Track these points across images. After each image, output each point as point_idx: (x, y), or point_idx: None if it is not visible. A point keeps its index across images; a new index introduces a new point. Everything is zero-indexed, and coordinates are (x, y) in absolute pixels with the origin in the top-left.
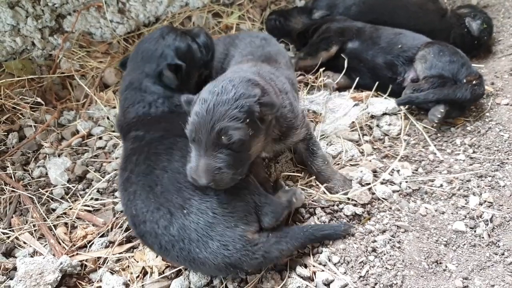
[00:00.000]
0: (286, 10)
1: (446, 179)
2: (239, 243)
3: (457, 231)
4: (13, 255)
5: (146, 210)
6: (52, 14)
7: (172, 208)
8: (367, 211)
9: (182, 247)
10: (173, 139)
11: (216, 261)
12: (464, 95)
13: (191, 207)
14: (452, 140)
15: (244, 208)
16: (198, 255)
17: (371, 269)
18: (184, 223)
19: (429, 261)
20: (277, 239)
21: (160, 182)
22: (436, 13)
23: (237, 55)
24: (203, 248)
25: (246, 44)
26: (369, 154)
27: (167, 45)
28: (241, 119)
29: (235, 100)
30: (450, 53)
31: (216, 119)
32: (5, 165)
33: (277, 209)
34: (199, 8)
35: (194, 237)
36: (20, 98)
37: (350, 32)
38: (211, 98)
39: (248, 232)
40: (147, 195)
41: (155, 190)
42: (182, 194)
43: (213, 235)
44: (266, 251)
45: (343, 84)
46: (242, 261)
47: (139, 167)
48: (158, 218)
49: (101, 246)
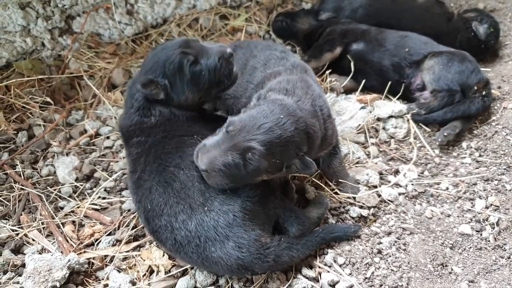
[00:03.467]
0: (292, 12)
1: (452, 182)
2: (253, 246)
3: (463, 234)
4: (22, 251)
5: (165, 204)
6: (62, 15)
7: (193, 203)
8: (373, 213)
9: (198, 244)
10: (179, 138)
11: (229, 262)
12: (477, 109)
13: (212, 206)
14: (458, 144)
15: (264, 218)
16: (212, 254)
17: (377, 270)
18: (204, 219)
19: (435, 263)
20: (288, 245)
21: (178, 179)
22: (442, 16)
23: (260, 66)
24: (218, 248)
25: (267, 56)
26: (375, 157)
27: (161, 59)
28: (274, 157)
29: (283, 139)
30: (459, 61)
31: (258, 136)
32: (14, 163)
33: (304, 223)
34: (206, 10)
35: (211, 235)
36: (30, 97)
37: (354, 33)
38: (267, 121)
39: (262, 237)
40: (164, 190)
41: (173, 185)
42: (203, 193)
43: (231, 235)
44: (277, 255)
45: (349, 87)
46: (254, 264)
47: (150, 166)
48: (177, 211)
49: (108, 244)
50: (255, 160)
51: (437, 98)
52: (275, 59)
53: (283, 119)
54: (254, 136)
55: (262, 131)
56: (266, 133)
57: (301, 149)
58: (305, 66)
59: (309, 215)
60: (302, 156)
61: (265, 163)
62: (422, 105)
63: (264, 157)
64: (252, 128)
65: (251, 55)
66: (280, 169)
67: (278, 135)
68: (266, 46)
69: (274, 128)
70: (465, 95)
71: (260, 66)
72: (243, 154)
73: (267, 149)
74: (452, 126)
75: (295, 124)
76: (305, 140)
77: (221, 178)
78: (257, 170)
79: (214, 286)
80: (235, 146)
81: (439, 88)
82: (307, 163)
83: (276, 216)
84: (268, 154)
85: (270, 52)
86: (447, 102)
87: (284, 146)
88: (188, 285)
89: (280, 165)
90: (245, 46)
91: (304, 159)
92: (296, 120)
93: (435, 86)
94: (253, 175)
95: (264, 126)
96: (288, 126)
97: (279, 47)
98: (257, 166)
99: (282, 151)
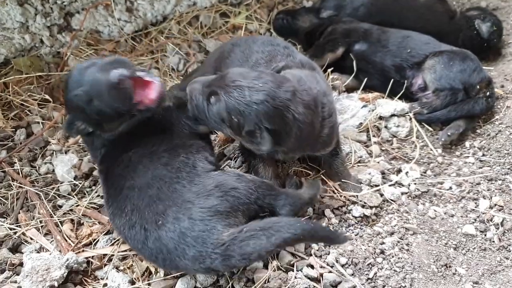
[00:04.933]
0: (293, 10)
1: (455, 182)
2: (209, 247)
3: (467, 234)
4: (20, 250)
5: (123, 229)
6: (61, 12)
7: (145, 223)
8: (375, 213)
9: (164, 257)
10: (125, 155)
11: (195, 267)
12: (481, 109)
13: (166, 218)
14: (461, 143)
15: (230, 212)
16: (179, 263)
17: (379, 271)
18: (160, 235)
19: (438, 264)
20: (253, 233)
21: (130, 202)
22: (444, 15)
23: (264, 62)
24: (182, 256)
25: (270, 51)
26: (377, 156)
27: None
28: (232, 114)
29: (245, 101)
30: (460, 60)
31: (228, 88)
32: (12, 161)
33: (295, 203)
34: (207, 7)
35: (172, 247)
36: (28, 95)
37: (356, 33)
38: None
39: (221, 234)
40: (121, 214)
41: (126, 210)
42: (154, 208)
43: (189, 241)
44: (235, 250)
45: (350, 85)
46: (216, 264)
47: (111, 190)
48: (134, 234)
49: (106, 243)
50: (214, 106)
51: (440, 97)
52: (280, 54)
53: (260, 87)
54: (225, 86)
55: (233, 85)
56: (235, 88)
57: (262, 123)
58: (313, 64)
59: (300, 195)
60: (262, 128)
61: (223, 114)
62: (425, 104)
63: (223, 107)
64: (229, 80)
65: (252, 51)
66: (240, 131)
67: (242, 96)
68: (267, 41)
69: (244, 89)
70: (468, 94)
71: (264, 62)
72: (209, 96)
73: (227, 102)
74: (455, 125)
75: (268, 98)
76: (275, 120)
77: (194, 109)
78: (216, 116)
79: (214, 286)
80: (209, 86)
81: (441, 87)
82: (264, 138)
83: (253, 209)
84: (226, 107)
85: (273, 47)
86: (450, 101)
87: (244, 109)
88: (188, 285)
89: (238, 126)
90: (243, 43)
91: (262, 133)
92: (274, 97)
93: (437, 85)
94: (215, 122)
95: (237, 82)
96: (258, 95)
97: (281, 42)
98: (215, 112)
99: (241, 112)
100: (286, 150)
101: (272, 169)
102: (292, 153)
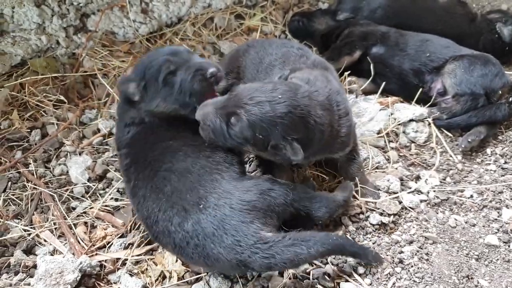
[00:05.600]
0: (309, 12)
1: (476, 190)
2: (251, 240)
3: (490, 245)
4: (34, 252)
5: (158, 210)
6: (77, 13)
7: (187, 205)
8: (393, 221)
9: (197, 243)
10: (164, 143)
11: (229, 257)
12: (503, 116)
13: (208, 202)
14: (482, 150)
15: (267, 212)
16: (212, 251)
17: (398, 281)
18: (200, 217)
19: (460, 275)
20: (294, 241)
21: (169, 183)
22: (465, 17)
23: (278, 64)
24: (217, 243)
25: (284, 53)
26: (395, 162)
27: (145, 62)
28: (256, 131)
29: (269, 116)
30: (482, 65)
31: (247, 106)
32: (27, 162)
33: (330, 205)
34: (222, 9)
35: (209, 231)
36: (44, 95)
37: (374, 36)
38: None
39: (262, 231)
40: (157, 195)
41: (164, 190)
42: (196, 192)
43: (228, 229)
44: (277, 252)
45: (367, 89)
46: (251, 259)
47: (143, 173)
48: (171, 215)
49: (120, 247)
50: (236, 126)
51: (460, 103)
52: (294, 56)
53: (280, 99)
54: (244, 105)
55: (252, 102)
56: (255, 105)
57: (289, 134)
58: (326, 63)
59: (335, 197)
60: (290, 140)
61: (247, 133)
62: (444, 110)
63: (246, 126)
64: (245, 97)
65: (266, 53)
66: (265, 146)
67: (265, 112)
68: (282, 43)
69: (265, 104)
70: (489, 99)
71: (278, 63)
72: (228, 117)
73: (250, 120)
74: (476, 131)
75: (291, 108)
76: (300, 128)
77: (210, 133)
78: (238, 137)
79: None
80: (224, 108)
81: (462, 92)
82: (294, 149)
83: (289, 212)
84: (250, 125)
85: (287, 49)
86: (471, 106)
87: (269, 124)
88: None
89: (263, 142)
90: (258, 44)
91: (292, 144)
92: (296, 106)
93: (457, 90)
94: (236, 141)
95: (256, 99)
96: (281, 108)
97: (295, 44)
98: (238, 132)
99: (267, 128)
100: (308, 154)
101: (287, 174)
102: (312, 157)
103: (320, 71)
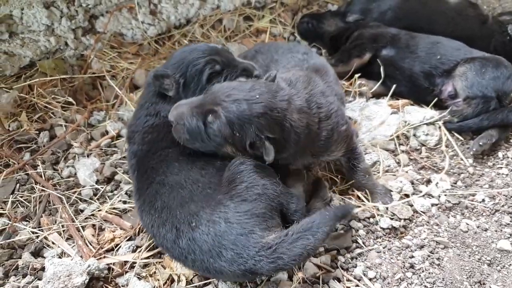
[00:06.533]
0: (318, 13)
1: (488, 194)
2: (252, 250)
3: (502, 250)
4: (42, 255)
5: (151, 226)
6: (86, 14)
7: (177, 223)
8: (403, 225)
9: (194, 258)
10: (164, 151)
11: (231, 269)
12: None
13: (200, 220)
14: (494, 153)
15: (265, 214)
16: (213, 265)
17: (409, 286)
18: (194, 236)
19: (472, 281)
20: (299, 234)
21: (160, 198)
22: (476, 19)
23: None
24: (217, 258)
25: (288, 59)
26: (405, 165)
27: (187, 59)
28: (234, 129)
29: (245, 115)
30: (493, 67)
31: (224, 104)
32: (36, 163)
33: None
34: (230, 11)
35: (205, 248)
36: (52, 97)
37: (384, 38)
38: (239, 94)
39: (263, 238)
40: (149, 210)
41: (155, 206)
42: (187, 209)
43: (226, 244)
44: (283, 252)
45: (377, 92)
46: (258, 267)
47: (141, 182)
48: (164, 233)
49: (128, 250)
50: (214, 124)
51: (471, 106)
52: (296, 61)
53: (257, 99)
54: (221, 102)
55: (230, 99)
56: (232, 103)
57: (264, 133)
58: (319, 67)
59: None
60: (264, 139)
61: (225, 131)
62: (455, 113)
63: (224, 124)
64: (223, 95)
65: (272, 60)
66: (243, 145)
67: (242, 110)
68: (288, 49)
69: (242, 102)
70: (501, 102)
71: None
72: (205, 116)
73: (227, 117)
74: (488, 135)
75: (267, 109)
76: (276, 129)
77: (185, 134)
78: (217, 135)
79: None
80: (201, 106)
81: (473, 95)
82: (267, 149)
83: (280, 205)
84: (228, 122)
85: (292, 55)
86: (482, 109)
87: (245, 122)
88: None
89: (241, 141)
90: (266, 50)
91: (264, 143)
92: (273, 108)
93: (468, 93)
94: (214, 141)
95: (233, 96)
96: (257, 108)
97: (301, 48)
98: (216, 131)
99: (243, 127)
100: (286, 156)
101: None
102: (292, 159)
103: (306, 72)
